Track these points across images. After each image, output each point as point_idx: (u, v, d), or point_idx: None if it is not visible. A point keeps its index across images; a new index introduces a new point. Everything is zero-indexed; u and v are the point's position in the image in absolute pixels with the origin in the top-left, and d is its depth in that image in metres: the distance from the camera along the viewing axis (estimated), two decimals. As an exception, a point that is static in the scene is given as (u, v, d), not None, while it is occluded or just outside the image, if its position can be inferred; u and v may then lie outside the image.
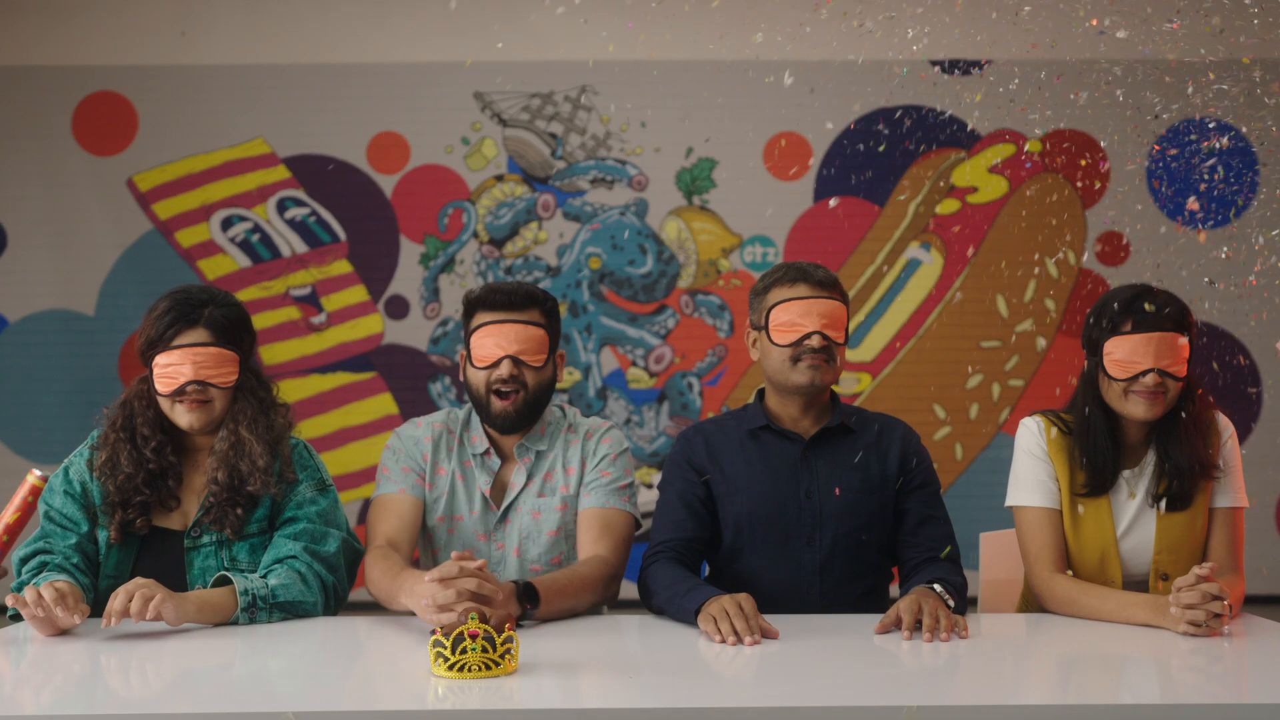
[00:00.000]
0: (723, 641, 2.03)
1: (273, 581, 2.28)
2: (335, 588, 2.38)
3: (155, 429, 2.37)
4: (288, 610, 2.28)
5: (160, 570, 2.32)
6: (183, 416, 2.34)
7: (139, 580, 2.13)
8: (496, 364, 2.45)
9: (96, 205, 5.46)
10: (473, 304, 2.52)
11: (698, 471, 2.47)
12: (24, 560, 2.35)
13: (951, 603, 2.19)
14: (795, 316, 2.39)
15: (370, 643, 2.18)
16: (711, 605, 2.11)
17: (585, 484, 2.51)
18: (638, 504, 2.54)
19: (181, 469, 2.41)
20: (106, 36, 5.49)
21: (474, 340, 2.49)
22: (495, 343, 2.45)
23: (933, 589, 2.21)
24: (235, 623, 2.23)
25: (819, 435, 2.46)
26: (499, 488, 2.54)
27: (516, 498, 2.52)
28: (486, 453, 2.55)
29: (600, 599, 2.38)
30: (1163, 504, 2.38)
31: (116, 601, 2.08)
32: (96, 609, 2.38)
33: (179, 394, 2.32)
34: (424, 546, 2.58)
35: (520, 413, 2.48)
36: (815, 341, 2.38)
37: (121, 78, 5.48)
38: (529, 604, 2.21)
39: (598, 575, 2.37)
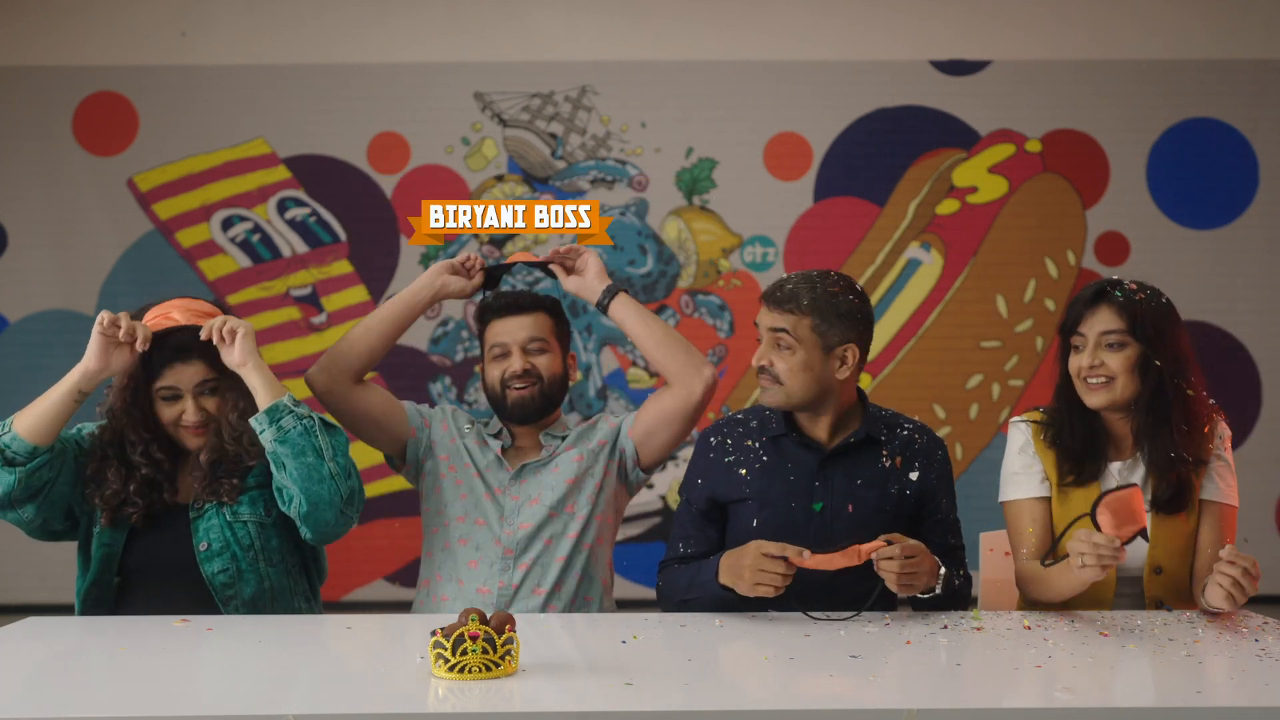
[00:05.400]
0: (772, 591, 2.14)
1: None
2: (341, 469, 2.34)
3: (141, 431, 2.40)
4: (309, 441, 2.31)
5: (165, 539, 2.39)
6: (188, 439, 2.42)
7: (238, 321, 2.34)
8: (508, 355, 2.59)
9: (97, 205, 5.45)
10: (484, 311, 2.66)
11: (714, 501, 2.43)
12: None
13: (937, 587, 2.21)
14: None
15: (370, 643, 2.18)
16: (737, 572, 2.18)
17: (623, 424, 2.67)
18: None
19: (175, 470, 2.45)
20: (106, 36, 5.48)
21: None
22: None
23: (940, 568, 2.23)
24: (276, 412, 2.31)
25: (840, 447, 2.40)
26: (514, 459, 2.66)
27: (533, 461, 2.63)
28: (499, 434, 2.68)
29: (687, 359, 2.57)
30: (1157, 506, 2.40)
31: (216, 320, 2.34)
32: (90, 608, 2.39)
33: (178, 421, 2.40)
34: (429, 499, 2.64)
35: (537, 400, 2.60)
36: (759, 364, 2.39)
37: (121, 78, 5.47)
38: (620, 289, 2.58)
39: (689, 344, 2.62)
